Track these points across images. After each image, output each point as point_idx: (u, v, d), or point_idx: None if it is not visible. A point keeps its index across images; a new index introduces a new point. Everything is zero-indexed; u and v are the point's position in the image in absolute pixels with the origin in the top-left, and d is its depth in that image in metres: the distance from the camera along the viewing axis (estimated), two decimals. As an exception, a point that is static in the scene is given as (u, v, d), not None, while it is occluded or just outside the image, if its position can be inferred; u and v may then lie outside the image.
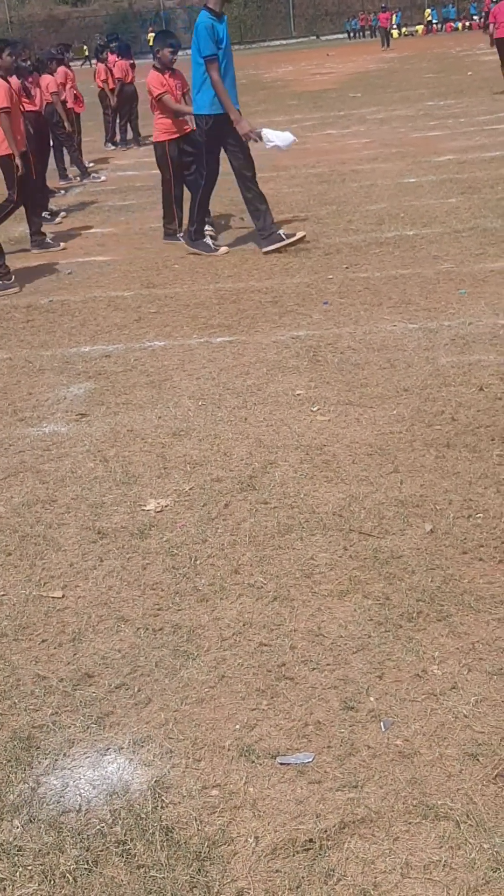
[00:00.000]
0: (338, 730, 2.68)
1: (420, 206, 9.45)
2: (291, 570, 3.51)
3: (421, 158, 12.21)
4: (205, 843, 2.34)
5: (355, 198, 10.03)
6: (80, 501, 4.19)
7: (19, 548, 3.86)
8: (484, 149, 12.40)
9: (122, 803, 2.49)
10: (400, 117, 16.77)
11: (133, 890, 2.23)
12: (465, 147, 12.67)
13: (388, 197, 10.12)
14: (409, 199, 9.91)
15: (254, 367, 5.60)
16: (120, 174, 13.90)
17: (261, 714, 2.78)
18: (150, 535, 3.87)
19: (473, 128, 14.42)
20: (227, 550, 3.69)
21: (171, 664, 3.05)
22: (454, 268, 7.17)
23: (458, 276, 6.92)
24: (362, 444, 4.45)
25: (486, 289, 6.58)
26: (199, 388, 5.36)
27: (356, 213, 9.35)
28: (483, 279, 6.80)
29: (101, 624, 3.31)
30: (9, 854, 2.36)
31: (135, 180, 13.04)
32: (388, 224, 8.87)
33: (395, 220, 9.01)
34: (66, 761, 2.67)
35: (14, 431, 5.02)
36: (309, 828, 2.35)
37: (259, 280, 7.46)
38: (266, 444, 4.57)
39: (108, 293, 7.59)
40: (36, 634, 3.28)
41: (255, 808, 2.44)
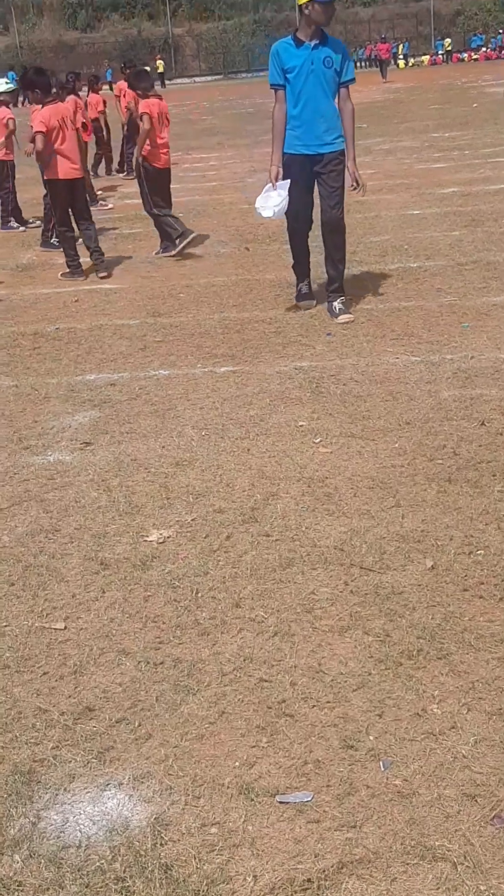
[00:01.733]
0: (337, 769, 2.69)
1: (424, 239, 9.52)
2: (292, 605, 3.52)
3: (425, 190, 12.30)
4: (203, 881, 2.34)
5: (359, 229, 10.09)
6: (84, 531, 4.22)
7: (22, 578, 3.88)
8: (488, 181, 12.49)
9: (122, 840, 2.50)
10: (405, 148, 16.92)
11: (131, 928, 2.24)
12: (470, 179, 12.77)
13: (391, 229, 10.19)
14: (413, 231, 9.98)
15: (257, 398, 5.64)
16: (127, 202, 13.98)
17: (261, 751, 2.79)
18: (152, 566, 3.89)
19: (478, 160, 14.53)
20: (229, 583, 3.71)
21: (172, 699, 3.06)
22: (457, 301, 7.23)
23: (461, 310, 6.97)
24: (364, 478, 4.48)
25: (488, 322, 6.63)
26: (203, 418, 5.40)
27: (360, 245, 9.40)
28: (486, 313, 6.85)
29: (102, 657, 3.32)
30: (9, 889, 2.37)
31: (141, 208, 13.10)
32: (392, 256, 8.93)
33: (399, 252, 9.08)
34: (66, 796, 2.68)
35: (19, 460, 5.05)
36: (307, 867, 2.36)
37: (263, 310, 7.51)
38: (268, 475, 4.59)
39: (114, 321, 7.64)
40: (38, 666, 3.30)
41: (254, 846, 2.45)
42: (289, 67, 6.78)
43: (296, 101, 6.81)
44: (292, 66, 6.76)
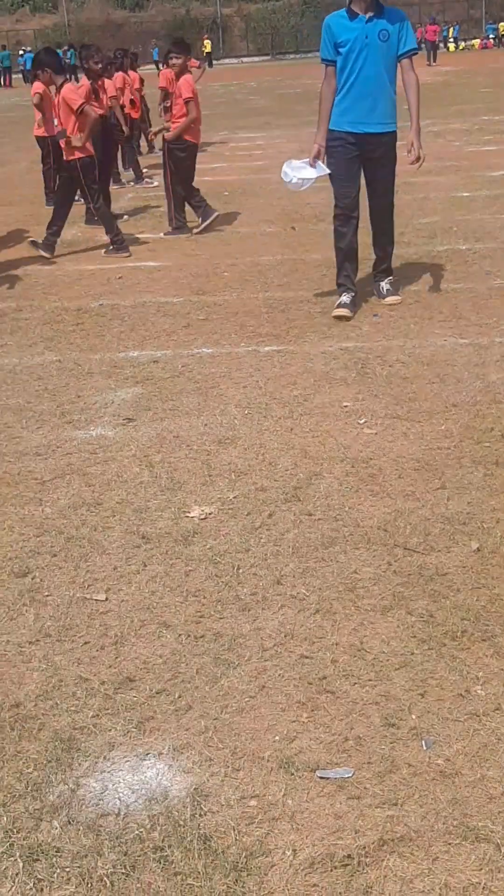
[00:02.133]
0: (378, 746, 2.67)
1: (473, 221, 9.41)
2: (334, 583, 3.50)
3: (475, 173, 12.16)
4: (242, 853, 2.33)
5: (408, 210, 10.00)
6: (126, 505, 4.21)
7: (64, 549, 3.88)
8: (538, 165, 12.32)
9: (161, 809, 2.49)
10: (454, 131, 16.73)
11: (169, 897, 2.24)
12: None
13: (440, 210, 10.09)
14: (462, 213, 9.87)
15: (301, 378, 5.60)
16: (172, 180, 13.96)
17: (301, 726, 2.78)
18: (194, 541, 3.88)
19: (528, 144, 14.34)
20: (270, 560, 3.69)
21: (212, 672, 3.05)
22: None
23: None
24: (409, 459, 4.44)
25: (537, 306, 6.54)
26: (246, 397, 5.37)
27: (408, 227, 9.32)
28: (535, 297, 6.76)
29: (143, 628, 3.32)
30: (47, 855, 2.37)
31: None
32: (441, 238, 8.84)
33: (448, 234, 8.98)
34: (105, 764, 2.68)
35: (62, 434, 5.06)
36: (347, 843, 2.35)
37: (309, 290, 7.46)
38: (311, 455, 4.56)
39: (158, 299, 7.63)
40: (79, 636, 3.30)
41: (294, 820, 2.43)
42: (341, 41, 6.36)
43: (347, 76, 6.42)
44: (345, 39, 6.34)
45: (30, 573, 3.71)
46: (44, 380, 5.91)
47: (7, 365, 6.25)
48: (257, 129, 19.85)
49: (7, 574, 3.72)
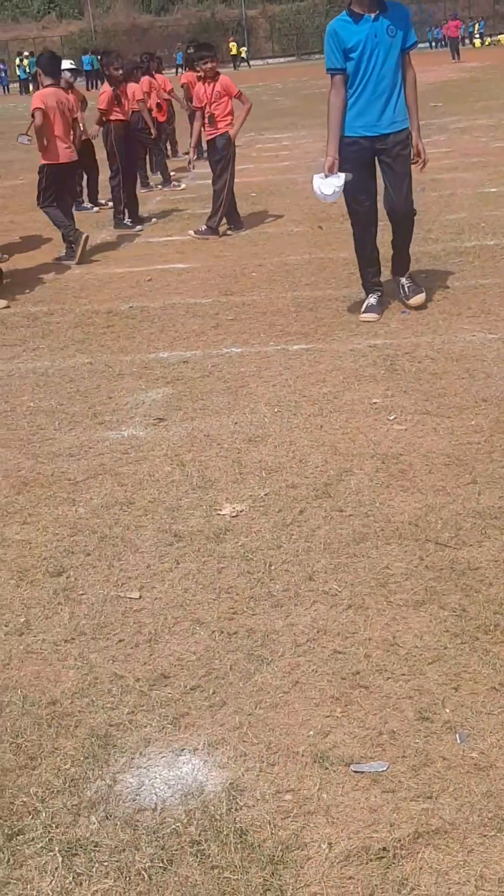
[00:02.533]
0: (412, 740, 2.68)
1: (501, 216, 9.37)
2: (366, 579, 3.51)
3: (502, 168, 12.10)
4: (278, 846, 2.35)
5: (435, 207, 9.97)
6: (158, 504, 4.24)
7: (98, 548, 3.92)
8: None
9: (197, 804, 2.51)
10: (481, 127, 16.64)
11: (207, 890, 2.25)
12: (548, 157, 12.54)
13: (468, 207, 10.05)
14: (490, 209, 9.83)
15: (330, 375, 5.61)
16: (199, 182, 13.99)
17: (335, 721, 2.79)
18: (226, 539, 3.90)
19: None
20: (302, 557, 3.70)
21: (246, 668, 3.07)
22: (535, 279, 7.10)
23: (539, 288, 6.85)
24: (439, 454, 4.43)
25: None
26: (276, 395, 5.39)
27: (435, 223, 9.30)
28: None
29: (176, 626, 3.34)
30: (85, 849, 2.40)
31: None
32: (468, 234, 8.82)
33: (476, 230, 8.95)
34: (141, 760, 2.70)
35: (94, 434, 5.10)
36: (382, 836, 2.35)
37: (336, 288, 7.47)
38: (342, 451, 4.57)
39: (187, 300, 7.66)
40: (113, 634, 3.33)
41: (329, 814, 2.45)
42: (351, 46, 6.10)
43: (359, 79, 6.17)
44: (355, 43, 6.09)
45: (64, 572, 3.75)
46: (76, 382, 5.96)
47: (39, 368, 6.31)
48: (283, 129, 19.87)
49: (42, 573, 3.76)
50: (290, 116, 22.39)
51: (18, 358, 6.57)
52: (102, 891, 2.29)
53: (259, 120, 21.83)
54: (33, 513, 4.28)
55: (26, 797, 2.59)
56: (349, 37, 6.11)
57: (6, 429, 5.28)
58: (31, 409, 5.56)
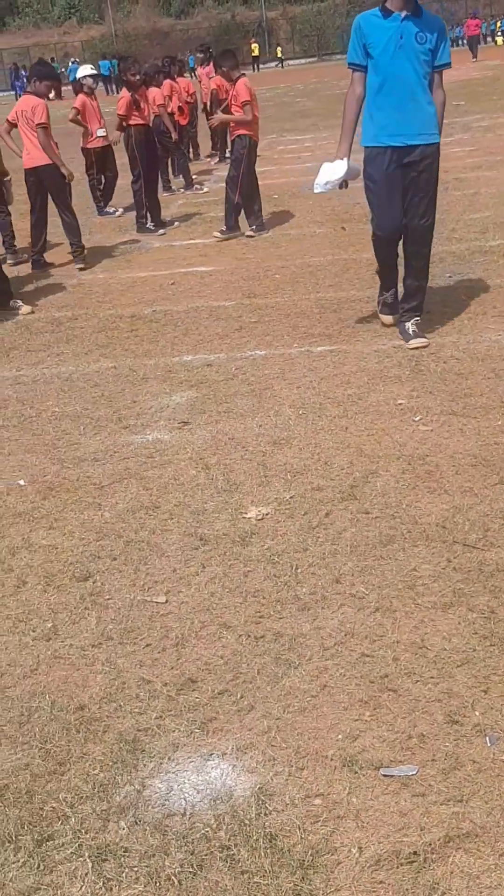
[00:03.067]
0: (442, 743, 2.66)
1: (525, 215, 9.32)
2: (394, 581, 3.49)
3: (525, 166, 12.03)
4: (308, 851, 2.34)
5: (458, 206, 9.93)
6: (183, 508, 4.24)
7: (124, 553, 3.92)
8: None
9: (226, 809, 2.51)
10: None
11: (237, 895, 2.25)
12: None
13: (492, 205, 10.00)
14: (514, 207, 9.78)
15: (355, 377, 5.59)
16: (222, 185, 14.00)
17: (364, 725, 2.77)
18: (252, 542, 3.89)
19: None
20: (329, 560, 3.69)
21: (273, 672, 3.06)
22: None
23: None
24: (466, 455, 4.41)
25: None
26: (300, 397, 5.38)
27: (459, 222, 9.26)
28: None
29: (203, 630, 3.34)
30: (115, 855, 2.40)
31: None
32: (493, 233, 8.77)
33: (500, 228, 8.90)
34: (170, 765, 2.70)
35: (119, 439, 5.11)
36: (413, 840, 2.34)
37: (360, 289, 7.44)
38: (367, 453, 4.56)
39: (210, 303, 7.67)
40: (140, 638, 3.33)
41: (359, 818, 2.43)
42: (372, 42, 5.64)
43: (381, 82, 5.66)
44: (376, 39, 5.62)
45: (91, 577, 3.75)
46: (100, 386, 5.97)
47: (64, 373, 6.33)
48: (304, 130, 19.84)
49: (69, 578, 3.77)
50: (311, 118, 22.36)
51: (43, 363, 6.60)
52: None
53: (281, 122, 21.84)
54: (59, 518, 4.29)
55: (55, 803, 2.60)
56: (372, 32, 5.65)
57: (32, 434, 5.30)
58: (56, 413, 5.58)
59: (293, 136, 19.19)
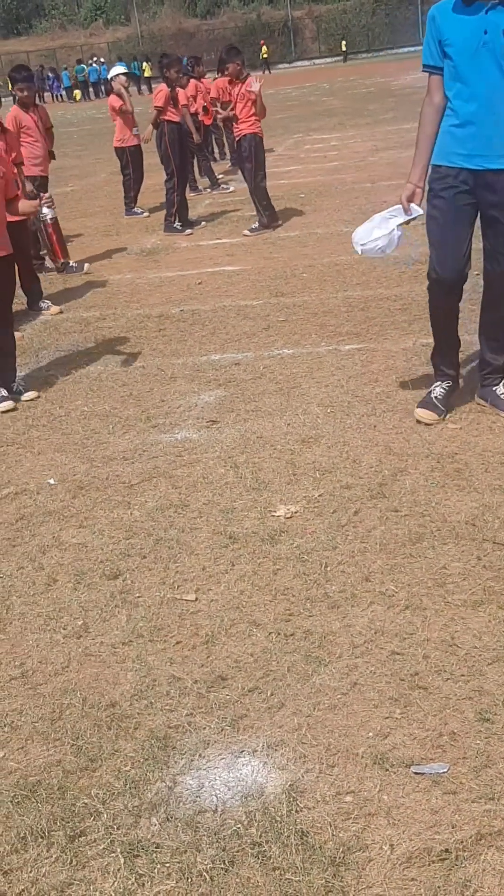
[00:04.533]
0: (473, 741, 2.65)
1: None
2: (423, 579, 3.48)
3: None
4: (340, 848, 2.34)
5: None
6: (212, 506, 4.25)
7: (153, 551, 3.94)
8: None
9: (258, 805, 2.52)
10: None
11: (268, 891, 2.26)
12: None
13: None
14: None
15: (383, 375, 5.58)
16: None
17: (394, 722, 2.77)
18: (281, 540, 3.90)
19: None
20: (358, 558, 3.69)
21: (303, 669, 3.06)
22: None
23: None
24: (496, 453, 4.39)
25: None
26: (328, 396, 5.38)
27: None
28: None
29: (233, 627, 3.35)
30: (147, 851, 2.41)
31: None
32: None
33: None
34: (201, 762, 2.71)
35: (148, 438, 5.13)
36: (444, 838, 2.34)
37: (388, 288, 7.43)
38: (396, 451, 4.55)
39: (238, 302, 7.68)
40: (170, 636, 3.34)
41: (390, 815, 2.43)
42: (448, 39, 4.43)
43: (459, 88, 4.46)
44: (452, 38, 4.40)
45: (121, 575, 3.77)
46: (128, 386, 6.00)
47: (93, 372, 6.36)
48: (331, 129, 19.82)
49: (99, 576, 3.79)
50: (337, 116, 22.33)
51: (72, 363, 6.63)
52: (164, 892, 2.30)
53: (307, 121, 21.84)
54: (89, 516, 4.32)
55: (88, 799, 2.61)
56: (448, 27, 4.43)
57: (61, 433, 5.33)
58: (85, 413, 5.61)
59: (319, 135, 19.18)
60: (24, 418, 5.64)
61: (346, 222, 10.20)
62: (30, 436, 5.37)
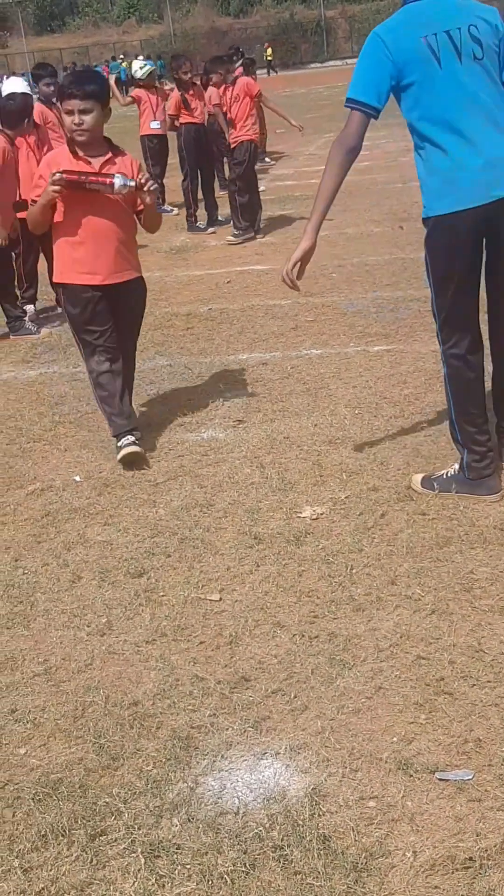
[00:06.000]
0: (499, 748, 2.62)
1: None
2: (450, 584, 3.45)
3: None
4: (362, 853, 2.32)
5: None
6: (237, 506, 4.24)
7: (178, 550, 3.93)
8: None
9: (280, 809, 2.50)
10: None
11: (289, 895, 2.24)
12: None
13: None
14: None
15: (412, 377, 5.55)
16: (278, 184, 14.01)
17: (419, 728, 2.74)
18: (306, 542, 3.88)
19: None
20: (384, 561, 3.66)
21: (327, 672, 3.04)
22: None
23: None
24: (524, 457, 4.34)
25: None
26: (356, 397, 5.35)
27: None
28: None
29: (257, 628, 3.33)
30: (168, 852, 2.40)
31: (294, 189, 13.12)
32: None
33: None
34: (223, 763, 2.70)
35: (174, 436, 5.12)
36: (469, 846, 2.31)
37: (418, 289, 7.38)
38: (424, 454, 4.51)
39: (266, 301, 7.66)
40: (194, 636, 3.33)
41: (414, 822, 2.41)
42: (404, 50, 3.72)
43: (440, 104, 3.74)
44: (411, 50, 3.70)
45: (145, 573, 3.76)
46: (155, 384, 5.99)
47: (119, 370, 6.35)
48: (362, 129, 19.74)
49: (123, 574, 3.78)
50: (368, 116, 22.26)
51: (100, 360, 6.63)
52: (185, 893, 2.28)
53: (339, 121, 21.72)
54: (114, 514, 4.31)
55: (109, 798, 2.60)
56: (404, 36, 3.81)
57: (88, 431, 5.33)
58: (112, 410, 5.60)
59: (350, 134, 19.11)
60: (50, 415, 5.65)
61: (377, 222, 10.17)
62: (56, 432, 5.37)
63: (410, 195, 10.82)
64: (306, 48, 59.72)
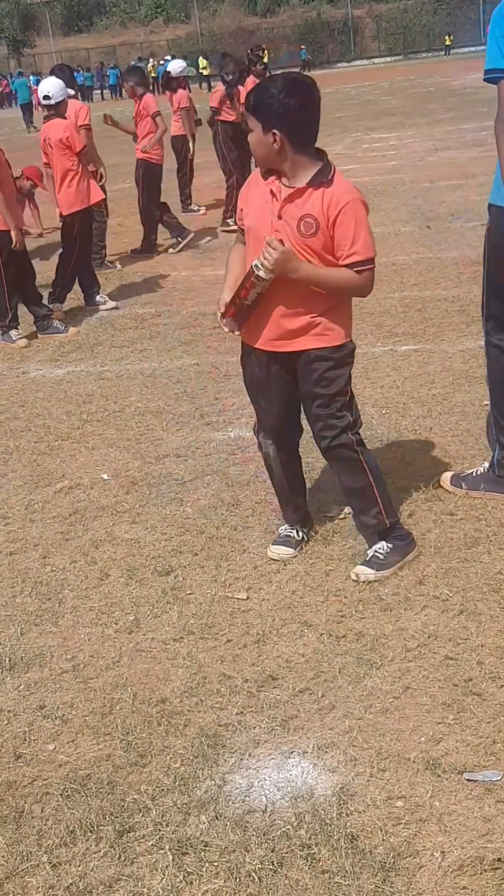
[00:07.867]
0: (528, 750, 2.61)
1: None
2: (478, 584, 3.44)
3: None
4: (390, 853, 2.32)
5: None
6: (264, 505, 4.24)
7: (205, 548, 3.93)
8: None
9: (307, 807, 2.50)
10: None
11: (317, 894, 2.24)
12: None
13: None
14: None
15: (439, 377, 5.53)
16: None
17: (447, 728, 2.74)
18: (333, 541, 3.87)
19: None
20: (412, 561, 3.65)
21: (355, 672, 3.04)
22: None
23: None
24: (553, 458, 4.32)
25: None
26: (383, 397, 5.33)
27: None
28: None
29: (284, 627, 3.33)
30: (195, 849, 2.40)
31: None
32: None
33: None
34: (251, 761, 2.70)
35: (201, 435, 5.13)
36: (497, 847, 2.30)
37: (445, 289, 7.36)
38: (451, 454, 4.50)
39: (293, 300, 7.63)
40: (221, 634, 3.34)
41: (442, 822, 2.40)
42: None
43: None
44: None
45: (172, 571, 3.77)
46: (182, 383, 6.00)
47: (147, 369, 6.37)
48: (390, 129, 19.69)
49: (151, 572, 3.79)
50: (396, 116, 22.19)
51: (127, 359, 6.66)
52: (213, 891, 2.29)
53: (366, 120, 21.73)
54: (142, 512, 4.32)
55: (137, 794, 2.62)
56: None
57: (115, 429, 5.35)
58: (139, 409, 5.62)
59: (378, 134, 19.06)
60: (78, 413, 5.67)
61: (405, 222, 10.13)
62: (84, 431, 5.40)
63: (438, 195, 10.80)
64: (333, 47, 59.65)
